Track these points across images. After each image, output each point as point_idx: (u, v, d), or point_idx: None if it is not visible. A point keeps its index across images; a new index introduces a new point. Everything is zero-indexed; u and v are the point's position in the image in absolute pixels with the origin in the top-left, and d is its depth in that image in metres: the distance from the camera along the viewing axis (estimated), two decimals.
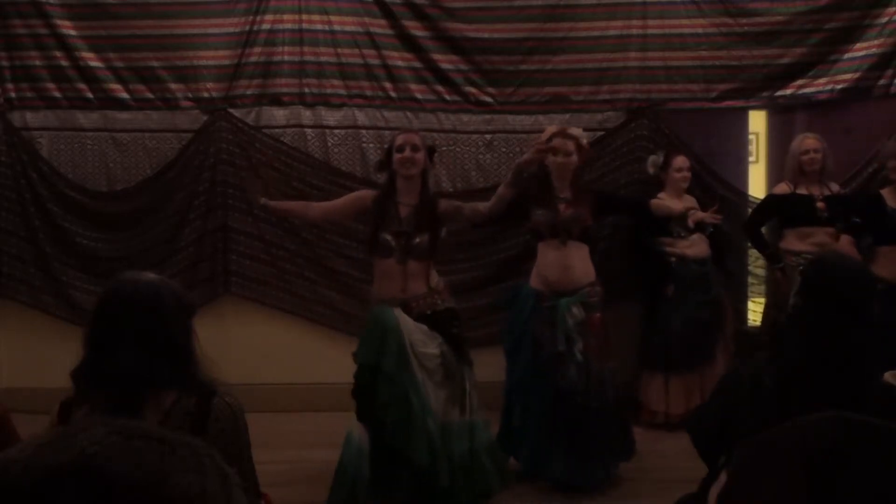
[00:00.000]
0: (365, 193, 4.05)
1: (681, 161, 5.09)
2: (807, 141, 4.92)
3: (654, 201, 4.82)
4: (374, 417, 3.71)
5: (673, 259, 5.02)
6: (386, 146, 4.01)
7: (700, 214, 4.79)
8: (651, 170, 5.17)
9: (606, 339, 4.28)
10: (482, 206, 4.01)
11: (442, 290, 3.95)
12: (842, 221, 4.78)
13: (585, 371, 4.10)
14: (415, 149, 3.88)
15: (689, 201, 5.12)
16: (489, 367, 4.48)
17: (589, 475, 4.11)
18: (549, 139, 4.11)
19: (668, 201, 4.94)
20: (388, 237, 3.84)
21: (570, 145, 4.31)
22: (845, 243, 4.66)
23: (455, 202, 4.07)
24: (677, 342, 4.93)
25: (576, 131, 4.43)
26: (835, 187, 4.97)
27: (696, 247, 5.03)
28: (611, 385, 4.20)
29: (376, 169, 4.22)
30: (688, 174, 5.10)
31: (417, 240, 3.82)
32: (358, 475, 3.75)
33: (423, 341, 3.77)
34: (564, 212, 4.28)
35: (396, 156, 3.89)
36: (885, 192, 4.75)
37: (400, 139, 3.93)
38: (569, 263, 4.25)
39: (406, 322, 3.77)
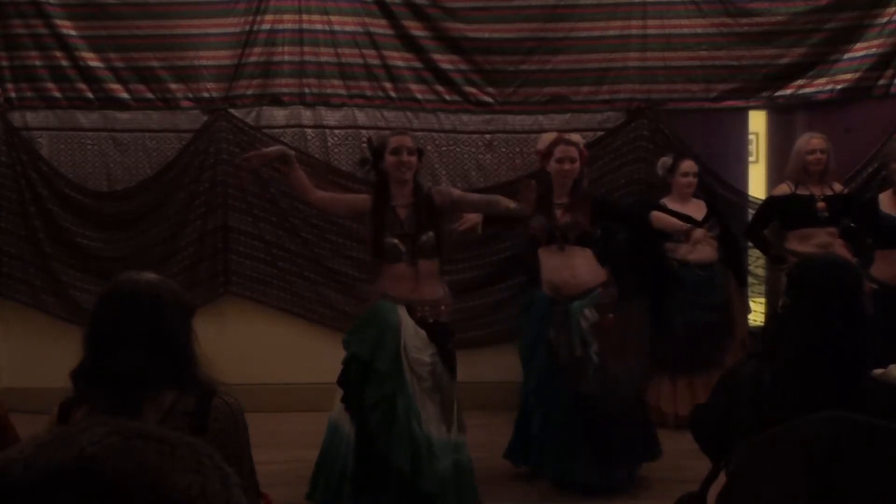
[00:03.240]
0: (366, 198, 3.93)
1: (688, 166, 5.08)
2: (813, 141, 4.91)
3: (655, 213, 4.80)
4: (360, 413, 3.70)
5: (675, 263, 5.01)
6: (371, 145, 3.90)
7: (698, 234, 4.75)
8: (660, 172, 5.15)
9: (622, 339, 4.26)
10: (474, 196, 3.96)
11: (449, 303, 3.89)
12: (839, 226, 4.78)
13: (602, 373, 4.08)
14: (410, 152, 3.79)
15: (698, 206, 5.11)
16: (489, 366, 4.49)
17: (613, 477, 4.09)
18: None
19: (674, 205, 4.97)
20: (395, 241, 3.77)
21: (574, 151, 4.29)
22: (838, 246, 4.67)
23: (445, 189, 4.01)
24: (681, 345, 4.92)
25: (575, 137, 4.41)
26: (837, 187, 4.96)
27: (699, 252, 5.01)
28: (628, 385, 4.18)
29: (360, 166, 4.12)
30: (694, 179, 5.09)
31: (424, 238, 3.80)
32: (345, 469, 3.74)
33: (418, 347, 3.73)
34: (561, 218, 4.27)
35: (391, 158, 3.78)
36: (886, 195, 4.74)
37: (395, 142, 3.81)
38: (572, 267, 4.23)
39: (407, 324, 3.74)
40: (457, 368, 3.88)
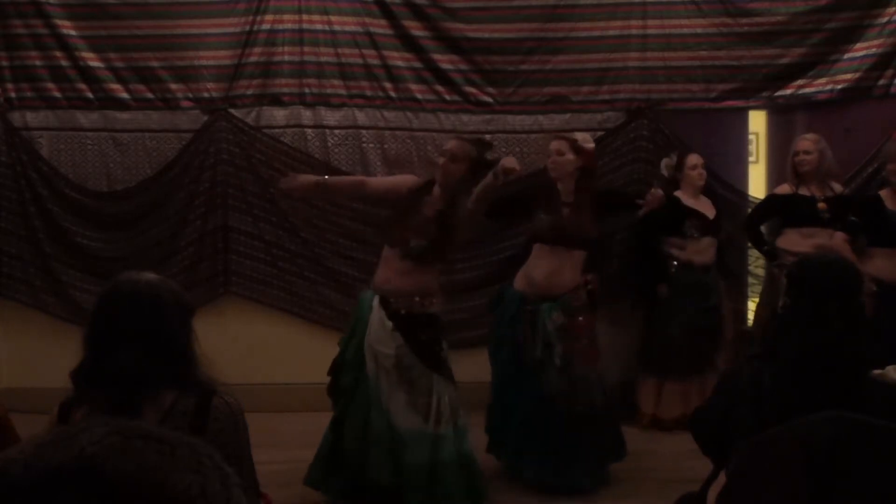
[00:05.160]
0: (406, 182, 4.05)
1: (695, 159, 5.08)
2: (800, 142, 4.92)
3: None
4: (335, 398, 3.87)
5: (675, 264, 5.00)
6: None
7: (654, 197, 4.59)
8: (665, 172, 5.13)
9: (594, 341, 4.26)
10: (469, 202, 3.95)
11: (427, 294, 3.89)
12: (841, 222, 4.78)
13: (568, 375, 4.09)
14: (454, 158, 3.89)
15: (705, 203, 5.11)
16: (488, 366, 4.48)
17: (569, 478, 4.08)
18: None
19: (687, 200, 5.00)
20: (395, 228, 3.88)
21: (563, 145, 4.27)
22: (840, 241, 4.67)
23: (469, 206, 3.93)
24: (674, 349, 4.92)
25: (579, 135, 4.37)
26: (837, 188, 4.95)
27: (704, 253, 5.01)
28: (598, 387, 4.18)
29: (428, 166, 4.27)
30: (703, 171, 5.09)
31: (415, 243, 3.82)
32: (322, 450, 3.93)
33: (380, 338, 3.79)
34: (568, 218, 4.25)
35: (439, 159, 3.96)
36: (885, 194, 4.74)
37: (446, 145, 4.01)
38: (561, 268, 4.23)
39: (374, 314, 3.81)
40: (444, 359, 3.87)
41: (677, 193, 5.03)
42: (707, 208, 5.09)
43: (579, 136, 4.36)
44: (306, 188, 3.96)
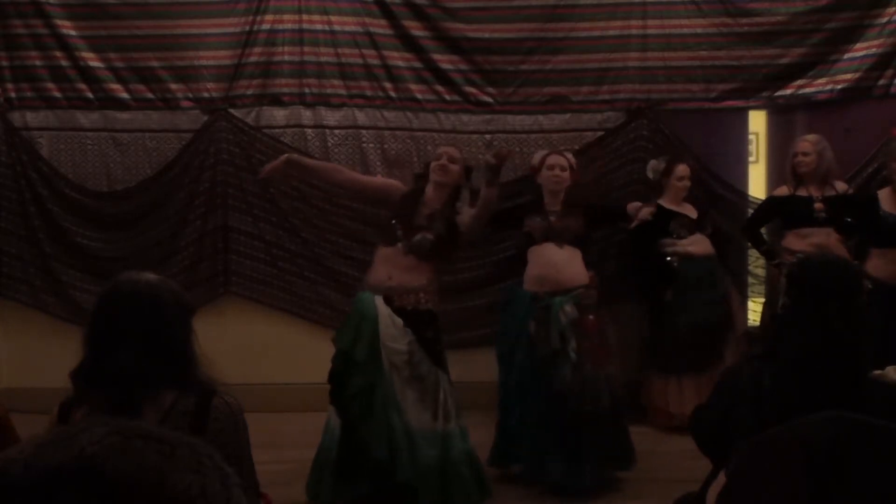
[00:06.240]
0: (396, 185, 4.24)
1: (682, 170, 5.07)
2: (799, 143, 4.93)
3: (629, 205, 4.78)
4: (344, 404, 3.79)
5: (676, 260, 4.99)
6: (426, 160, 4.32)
7: (644, 212, 4.68)
8: (651, 174, 5.14)
9: (604, 342, 4.26)
10: (468, 216, 4.08)
11: (430, 291, 3.94)
12: (838, 222, 4.79)
13: (579, 373, 4.09)
14: (452, 160, 4.09)
15: (688, 209, 5.12)
16: (489, 366, 4.48)
17: (582, 479, 4.08)
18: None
19: (670, 205, 5.03)
20: (398, 226, 3.93)
21: (563, 160, 4.49)
22: (833, 242, 4.68)
23: (467, 219, 4.08)
24: (685, 344, 4.90)
25: (568, 155, 4.62)
26: (841, 187, 4.94)
27: (699, 244, 5.03)
28: (606, 390, 4.17)
29: (414, 181, 4.41)
30: (688, 183, 5.09)
31: (420, 236, 3.86)
32: (328, 460, 3.83)
33: (392, 335, 3.79)
34: (555, 222, 4.40)
35: (433, 162, 4.11)
36: (885, 193, 4.74)
37: (440, 150, 4.23)
38: (563, 263, 4.30)
39: (383, 312, 3.81)
40: (445, 357, 3.91)
41: (660, 201, 5.04)
42: (689, 211, 5.11)
43: (569, 155, 4.62)
44: (277, 168, 4.15)
